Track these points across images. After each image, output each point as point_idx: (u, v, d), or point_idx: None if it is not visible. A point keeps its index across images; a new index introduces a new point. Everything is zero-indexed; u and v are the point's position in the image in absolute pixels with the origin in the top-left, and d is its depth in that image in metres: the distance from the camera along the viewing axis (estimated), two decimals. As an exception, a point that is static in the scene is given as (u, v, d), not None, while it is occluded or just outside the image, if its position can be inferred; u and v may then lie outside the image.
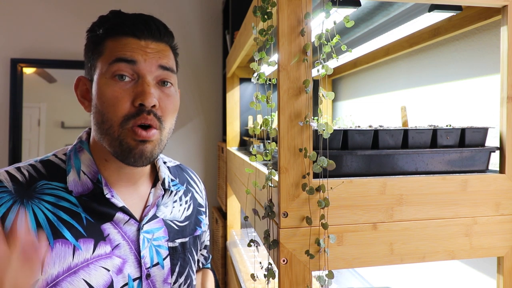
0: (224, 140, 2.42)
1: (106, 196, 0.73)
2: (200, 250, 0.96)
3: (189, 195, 0.92)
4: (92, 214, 0.73)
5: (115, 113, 0.70)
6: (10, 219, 0.66)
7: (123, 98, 0.70)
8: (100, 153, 0.76)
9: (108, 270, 0.71)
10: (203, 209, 0.95)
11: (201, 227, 0.91)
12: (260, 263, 1.05)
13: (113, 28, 0.73)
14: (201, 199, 0.95)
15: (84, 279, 0.68)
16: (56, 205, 0.71)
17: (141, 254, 0.75)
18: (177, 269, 0.80)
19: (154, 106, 0.71)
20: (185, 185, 0.92)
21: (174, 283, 0.79)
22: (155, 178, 0.84)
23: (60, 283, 0.67)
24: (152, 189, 0.83)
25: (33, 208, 0.69)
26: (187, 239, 0.85)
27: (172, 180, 0.87)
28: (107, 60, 0.72)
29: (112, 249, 0.72)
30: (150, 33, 0.74)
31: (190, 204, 0.90)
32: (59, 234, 0.69)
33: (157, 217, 0.80)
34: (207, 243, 0.99)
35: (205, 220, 0.95)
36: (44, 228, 0.68)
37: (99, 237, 0.72)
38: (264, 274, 0.82)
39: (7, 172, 0.71)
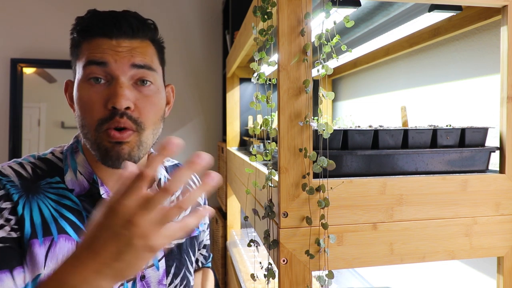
0: (224, 140, 2.42)
1: (103, 196, 0.73)
2: (199, 250, 0.96)
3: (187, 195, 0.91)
4: (90, 214, 0.73)
5: (91, 117, 0.69)
6: (20, 209, 0.67)
7: (97, 102, 0.69)
8: (92, 155, 0.76)
9: None
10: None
11: (198, 228, 0.91)
12: (260, 263, 1.05)
13: (86, 29, 0.71)
14: (200, 198, 0.95)
15: None
16: (59, 203, 0.71)
17: None
18: (172, 271, 0.80)
19: (128, 108, 0.69)
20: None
21: (170, 284, 0.79)
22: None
23: None
24: (148, 190, 0.82)
25: (38, 203, 0.69)
26: (183, 240, 0.84)
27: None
28: (82, 63, 0.71)
29: None
30: (121, 31, 0.71)
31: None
32: (62, 230, 0.69)
33: None
34: (207, 242, 0.99)
35: (204, 219, 0.94)
36: (49, 222, 0.68)
37: None
38: (264, 274, 0.82)
39: (11, 167, 0.71)
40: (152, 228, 0.46)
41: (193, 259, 0.88)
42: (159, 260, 0.79)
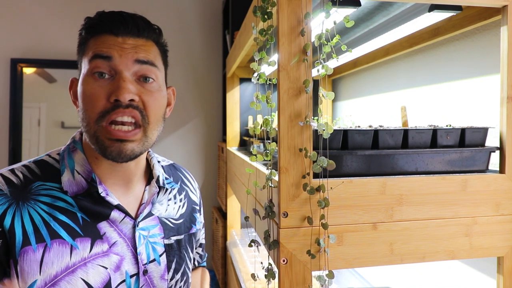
0: (224, 140, 2.42)
1: (101, 194, 0.73)
2: (196, 249, 0.96)
3: (183, 193, 0.93)
4: (88, 214, 0.73)
5: (92, 109, 0.70)
6: (8, 220, 0.67)
7: (100, 95, 0.70)
8: (91, 151, 0.76)
9: (106, 268, 0.72)
10: (198, 207, 0.96)
11: (195, 225, 0.93)
12: (261, 263, 1.05)
13: (94, 27, 0.74)
14: (196, 197, 0.97)
15: (82, 278, 0.69)
16: (52, 206, 0.71)
17: (138, 251, 0.76)
18: (173, 266, 0.81)
19: (132, 100, 0.71)
20: (179, 183, 0.93)
21: (171, 279, 0.80)
22: (149, 176, 0.85)
23: (59, 283, 0.67)
24: (147, 187, 0.83)
25: (28, 210, 0.69)
26: (182, 236, 0.86)
27: (166, 179, 0.87)
28: (88, 58, 0.73)
29: (110, 247, 0.73)
30: (127, 29, 0.73)
31: (185, 202, 0.91)
32: (55, 234, 0.69)
33: (152, 214, 0.81)
34: (203, 241, 1.00)
35: (199, 218, 0.95)
36: (40, 229, 0.69)
37: (96, 236, 0.72)
38: (265, 274, 0.82)
39: (2, 175, 0.72)
40: None
41: (191, 256, 0.89)
42: (160, 256, 0.79)
